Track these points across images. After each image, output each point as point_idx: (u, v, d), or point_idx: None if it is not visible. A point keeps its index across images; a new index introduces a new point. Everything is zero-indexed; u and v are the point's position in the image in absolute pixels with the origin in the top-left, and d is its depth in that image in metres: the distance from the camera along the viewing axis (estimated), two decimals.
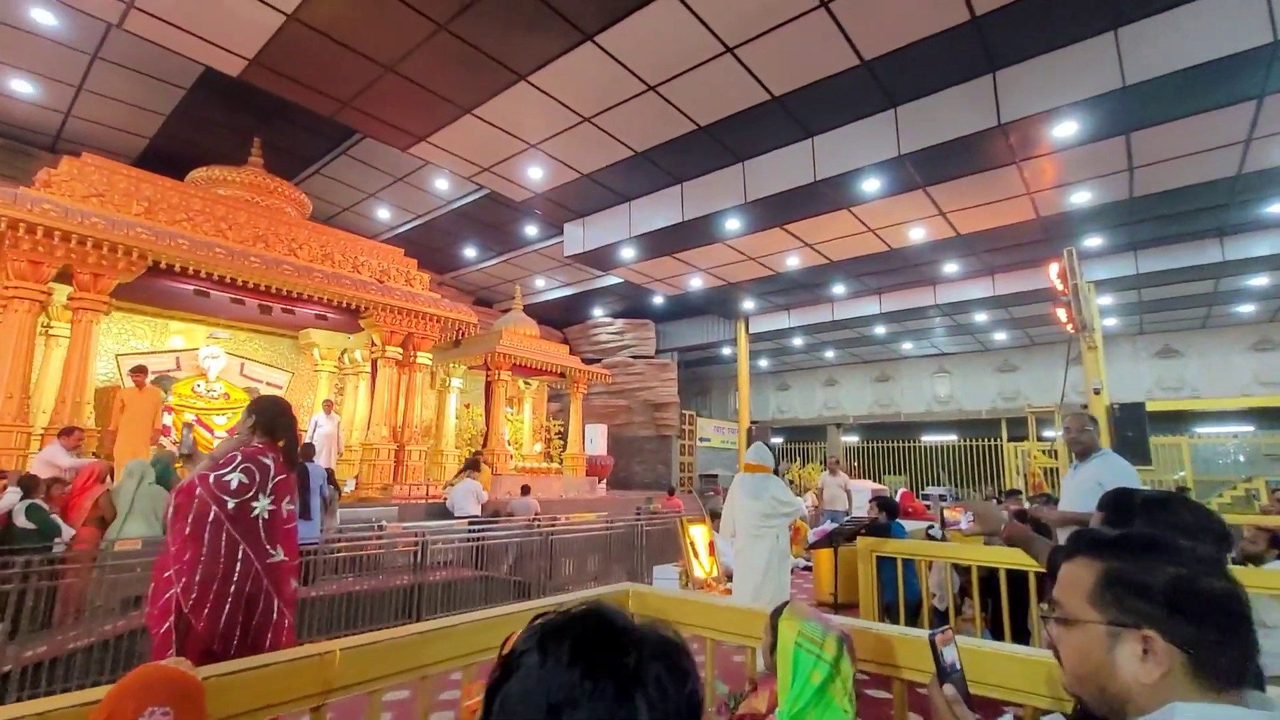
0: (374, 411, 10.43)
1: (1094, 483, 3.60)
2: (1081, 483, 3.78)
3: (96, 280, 7.59)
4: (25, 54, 8.39)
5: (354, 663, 1.60)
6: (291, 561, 2.83)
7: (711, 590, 5.69)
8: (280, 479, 2.84)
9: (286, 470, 2.89)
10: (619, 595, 2.43)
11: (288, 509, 2.84)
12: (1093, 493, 3.68)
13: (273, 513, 2.76)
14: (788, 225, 10.91)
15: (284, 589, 2.74)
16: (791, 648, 1.67)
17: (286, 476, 2.88)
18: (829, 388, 23.88)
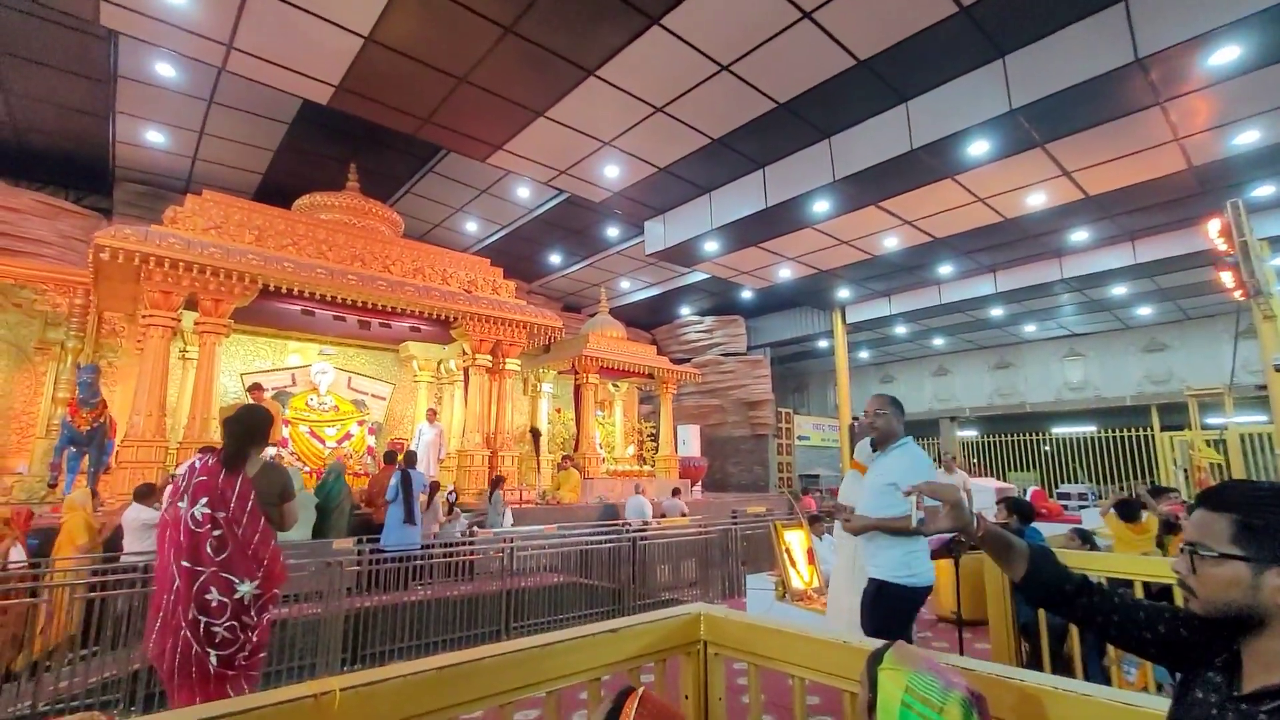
0: (467, 418, 10.68)
1: (887, 482, 2.97)
2: (874, 481, 3.10)
3: (217, 305, 8.24)
4: (155, 106, 9.30)
5: (359, 705, 1.36)
6: (200, 568, 2.57)
7: (811, 603, 5.19)
8: (200, 480, 2.67)
9: (208, 472, 2.69)
10: (689, 621, 2.09)
11: (201, 512, 2.61)
12: (886, 494, 2.83)
13: (193, 518, 2.60)
14: (883, 202, 10.06)
15: (198, 598, 2.54)
16: (897, 710, 1.25)
17: (207, 479, 2.67)
18: (940, 378, 22.11)
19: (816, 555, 5.87)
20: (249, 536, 2.66)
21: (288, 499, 2.91)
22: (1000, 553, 1.50)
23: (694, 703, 2.03)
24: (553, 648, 1.72)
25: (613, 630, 1.87)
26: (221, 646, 2.55)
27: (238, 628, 2.59)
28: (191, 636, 2.52)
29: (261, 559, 2.68)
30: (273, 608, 2.78)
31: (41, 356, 9.68)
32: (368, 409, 11.13)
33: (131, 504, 5.85)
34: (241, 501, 2.67)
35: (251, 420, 2.94)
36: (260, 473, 2.83)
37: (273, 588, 2.74)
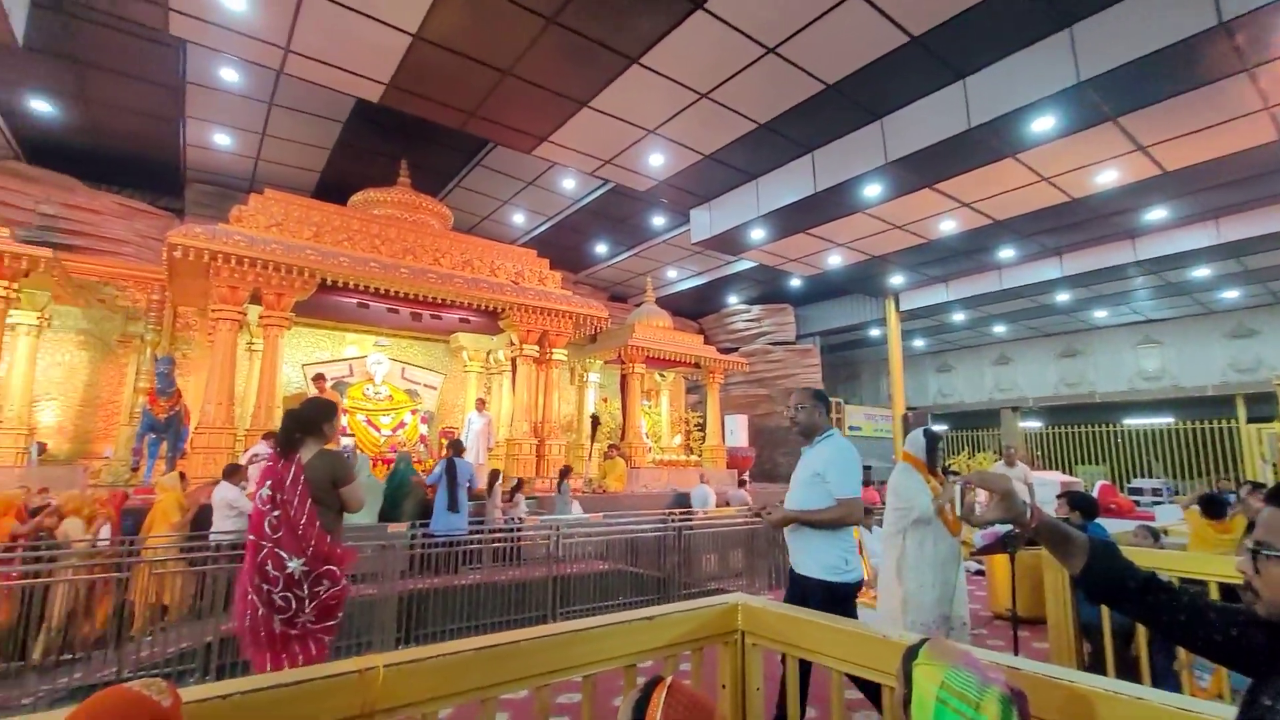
0: (515, 408, 10.88)
1: (812, 473, 2.94)
2: (801, 474, 3.04)
3: (280, 299, 8.63)
4: (221, 110, 9.78)
5: (401, 681, 1.41)
6: (263, 543, 2.88)
7: (861, 597, 5.07)
8: (266, 465, 3.09)
9: (276, 459, 3.03)
10: (727, 611, 2.07)
11: (265, 494, 2.92)
12: (813, 484, 2.82)
13: (261, 498, 2.94)
14: (939, 185, 9.66)
15: (260, 568, 2.85)
16: (932, 706, 1.21)
17: (271, 464, 3.02)
18: (1001, 367, 21.19)
19: (865, 548, 5.73)
20: (297, 518, 2.84)
21: (341, 484, 3.00)
22: (1057, 545, 1.41)
23: (731, 692, 2.02)
24: (589, 633, 1.73)
25: (649, 618, 1.88)
26: (280, 612, 2.82)
27: (290, 598, 2.81)
28: (257, 601, 2.82)
29: (309, 539, 2.84)
30: (327, 583, 2.90)
31: (123, 349, 10.38)
32: (420, 398, 11.48)
33: (220, 482, 6.23)
34: (293, 485, 2.86)
35: (302, 411, 3.11)
36: (313, 459, 2.97)
37: (321, 566, 2.87)
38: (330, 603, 2.91)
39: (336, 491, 3.00)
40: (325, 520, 2.93)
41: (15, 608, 4.55)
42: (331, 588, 2.90)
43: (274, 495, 2.87)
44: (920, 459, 3.69)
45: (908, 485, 3.63)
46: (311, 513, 2.87)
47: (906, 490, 3.63)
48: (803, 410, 3.05)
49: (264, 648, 2.84)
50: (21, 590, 4.54)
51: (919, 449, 3.71)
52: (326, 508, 2.96)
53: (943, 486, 3.65)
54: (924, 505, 3.54)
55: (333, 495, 2.98)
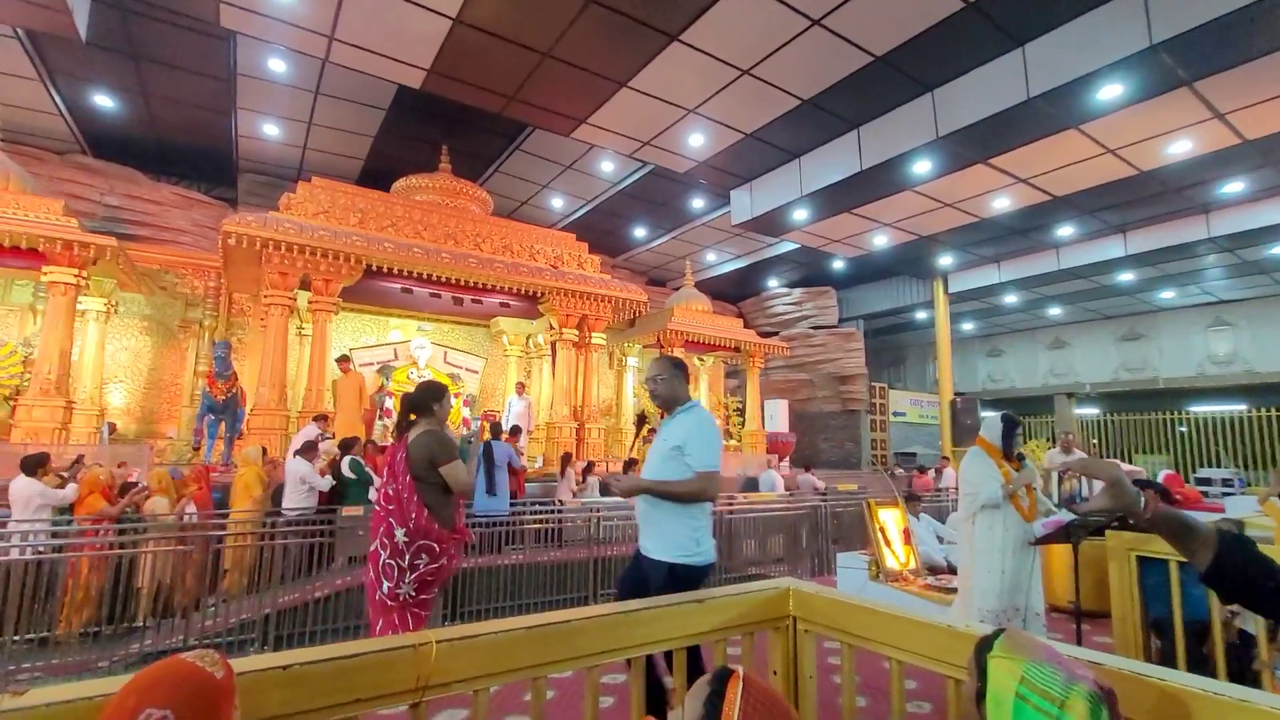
0: (555, 392, 10.96)
1: (670, 446, 2.69)
2: (660, 446, 2.77)
3: (328, 285, 8.85)
4: (270, 100, 10.02)
5: (454, 657, 1.41)
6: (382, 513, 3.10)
7: (907, 584, 4.94)
8: (393, 444, 3.31)
9: (395, 439, 3.32)
10: (778, 596, 2.01)
11: (386, 470, 3.18)
12: (671, 458, 2.60)
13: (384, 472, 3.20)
14: (994, 159, 9.23)
15: (380, 537, 3.05)
16: (1011, 702, 1.12)
17: (392, 444, 3.34)
18: (1056, 350, 20.31)
19: (913, 535, 5.58)
20: (400, 492, 3.04)
21: (439, 464, 3.08)
22: (1178, 538, 1.26)
23: (783, 679, 1.96)
24: (638, 614, 1.70)
25: (698, 600, 1.83)
26: (387, 578, 3.00)
27: (394, 567, 3.00)
28: (373, 568, 3.07)
29: (409, 513, 3.01)
30: (426, 557, 3.03)
31: (184, 334, 10.84)
32: (462, 382, 11.67)
33: (295, 457, 6.51)
34: (399, 464, 3.08)
35: (415, 393, 3.33)
36: (417, 438, 3.11)
37: (419, 539, 3.02)
38: (428, 577, 3.03)
39: (437, 470, 3.10)
40: (428, 497, 3.05)
41: (106, 578, 4.89)
42: (430, 563, 3.01)
43: (390, 469, 3.13)
44: (995, 445, 3.55)
45: (977, 470, 3.50)
46: (411, 488, 3.01)
47: (975, 475, 3.49)
48: (663, 382, 2.78)
49: (378, 612, 3.05)
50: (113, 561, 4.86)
51: (995, 434, 3.57)
52: (429, 485, 3.07)
53: (1017, 472, 3.50)
54: (992, 491, 3.40)
55: (434, 473, 3.09)
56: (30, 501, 5.38)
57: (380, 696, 1.32)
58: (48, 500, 5.48)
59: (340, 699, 1.27)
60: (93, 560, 5.09)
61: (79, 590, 5.05)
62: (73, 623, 5.00)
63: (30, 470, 5.50)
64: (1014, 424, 3.56)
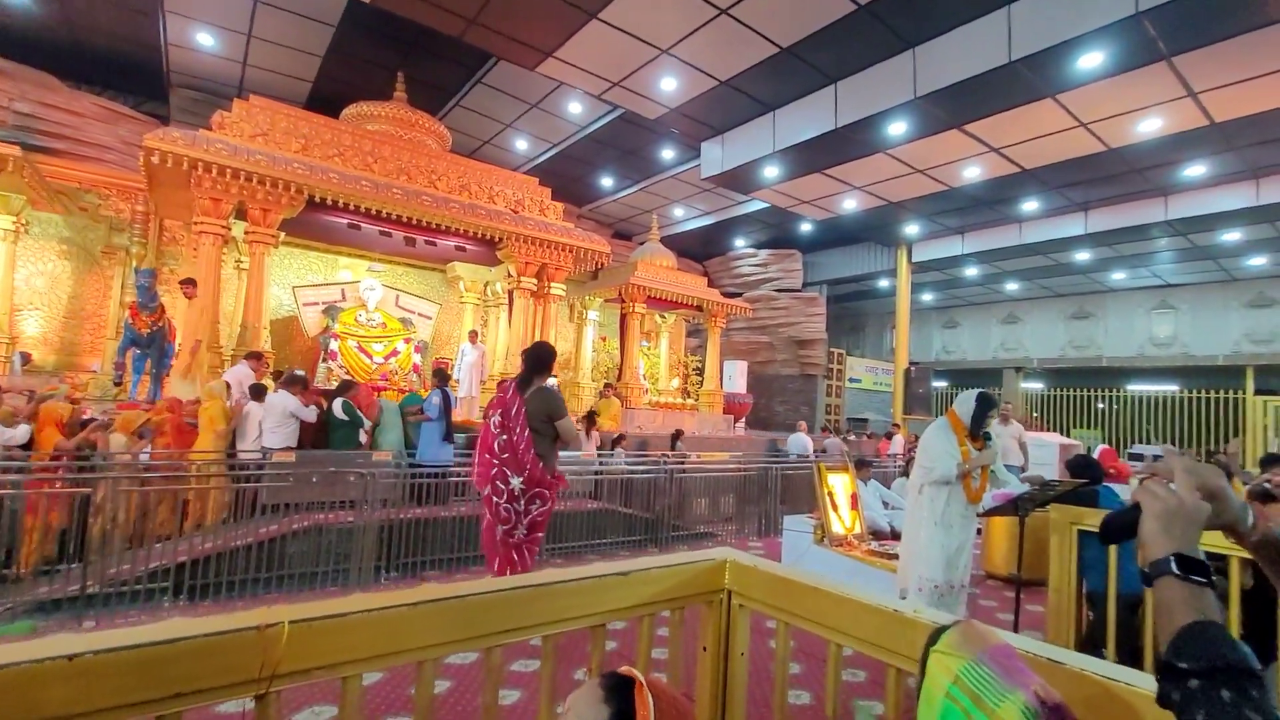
0: (511, 341, 10.61)
1: None
2: None
3: (265, 215, 8.19)
4: (200, 3, 9.04)
5: (313, 640, 1.17)
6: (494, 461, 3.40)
7: (851, 549, 4.93)
8: (498, 396, 3.58)
9: (506, 391, 3.53)
10: (713, 567, 1.83)
11: (496, 421, 3.46)
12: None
13: (493, 423, 3.46)
14: (968, 125, 9.07)
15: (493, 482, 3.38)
16: (940, 702, 0.96)
17: (502, 395, 3.54)
18: (1009, 325, 20.82)
19: (861, 500, 5.58)
20: (518, 443, 3.34)
21: (555, 418, 3.47)
22: None
23: (712, 656, 1.81)
24: (551, 588, 1.49)
25: (623, 573, 1.63)
26: (504, 522, 3.36)
27: (511, 511, 3.36)
28: (489, 510, 3.41)
29: (525, 463, 3.34)
30: (539, 503, 3.42)
31: (108, 260, 10.02)
32: (414, 327, 11.19)
33: (279, 390, 6.54)
34: (516, 416, 3.37)
35: (539, 354, 3.61)
36: (532, 396, 3.44)
37: (534, 486, 3.38)
38: (538, 519, 3.43)
39: (552, 424, 3.46)
40: (540, 448, 3.39)
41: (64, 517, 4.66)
42: (541, 507, 3.41)
43: (502, 422, 3.38)
44: (963, 421, 3.45)
45: (937, 445, 3.41)
46: (529, 440, 3.33)
47: (935, 449, 3.41)
48: None
49: (494, 551, 3.40)
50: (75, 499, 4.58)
51: (966, 411, 3.47)
52: (542, 437, 3.41)
53: (979, 451, 3.42)
54: (946, 468, 3.33)
55: (549, 426, 3.44)
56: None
57: (209, 690, 1.08)
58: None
59: (150, 694, 1.02)
60: (50, 498, 4.72)
61: (36, 529, 4.72)
62: None
63: None
64: (988, 405, 3.46)
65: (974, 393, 3.49)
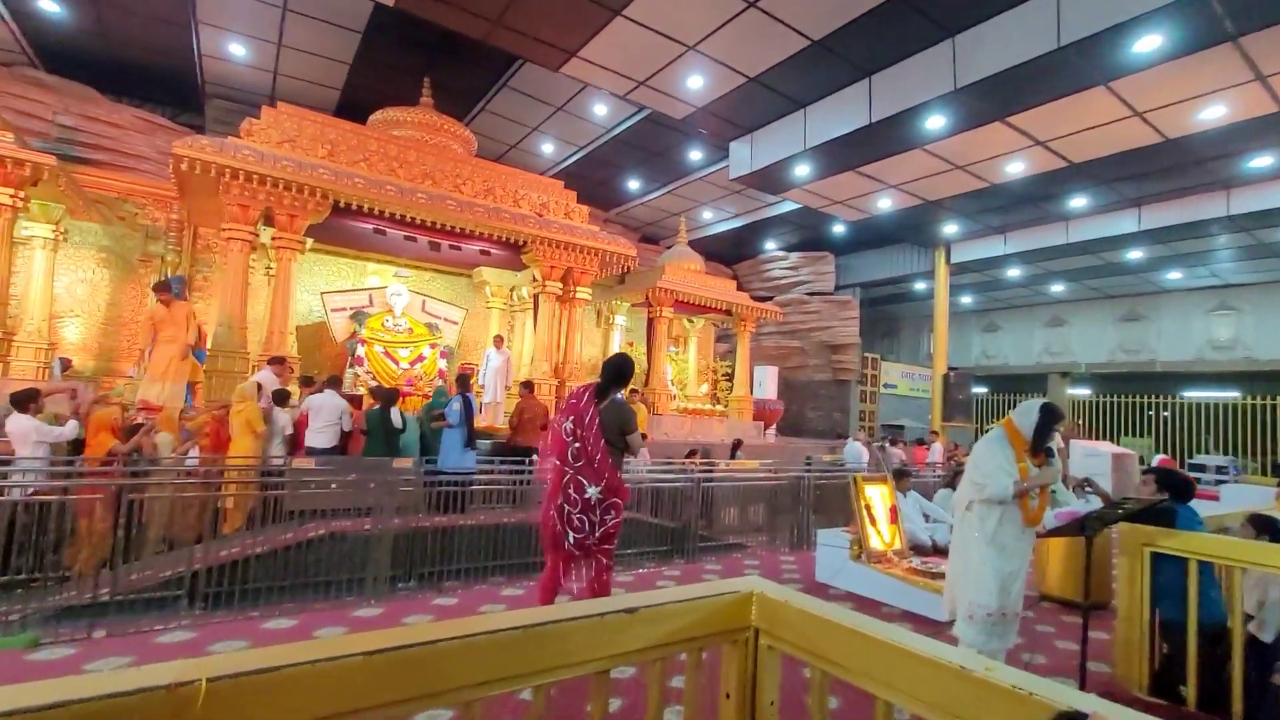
0: (536, 347, 10.48)
1: None
2: None
3: (292, 220, 8.22)
4: (233, 15, 9.20)
5: (233, 702, 0.95)
6: (566, 468, 3.32)
7: (890, 566, 4.60)
8: (571, 403, 3.43)
9: (580, 398, 3.40)
10: (738, 601, 1.58)
11: (568, 427, 3.35)
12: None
13: (565, 429, 3.36)
14: (1012, 117, 8.62)
15: (564, 491, 3.31)
16: None
17: (576, 403, 3.40)
18: (1054, 328, 19.95)
19: (900, 513, 5.23)
20: (594, 453, 3.30)
21: (628, 432, 3.44)
22: None
23: (736, 705, 1.55)
24: (543, 630, 1.26)
25: (629, 610, 1.39)
26: (576, 530, 3.31)
27: (585, 521, 3.31)
28: (558, 517, 3.34)
29: (602, 473, 3.30)
30: (613, 513, 3.36)
31: (145, 268, 10.21)
32: (440, 333, 11.15)
33: (326, 390, 6.85)
34: (591, 425, 3.30)
35: (620, 366, 3.54)
36: (608, 407, 3.39)
37: (612, 496, 3.34)
38: (612, 530, 3.39)
39: (624, 437, 3.44)
40: (614, 458, 3.36)
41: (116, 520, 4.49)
42: (614, 517, 3.37)
43: (575, 430, 3.33)
44: (1024, 435, 3.05)
45: (992, 459, 3.03)
46: (605, 450, 3.31)
47: (989, 464, 3.03)
48: None
49: (559, 555, 3.38)
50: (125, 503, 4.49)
51: (1028, 424, 3.05)
52: (614, 448, 3.39)
53: (1038, 468, 3.05)
54: (1001, 487, 2.96)
55: (620, 439, 3.42)
56: (27, 437, 5.23)
57: None
58: (44, 437, 5.32)
59: None
60: (103, 502, 4.73)
61: (89, 532, 4.74)
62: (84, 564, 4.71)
63: (21, 406, 5.29)
64: (1053, 418, 3.05)
65: (1038, 403, 3.11)
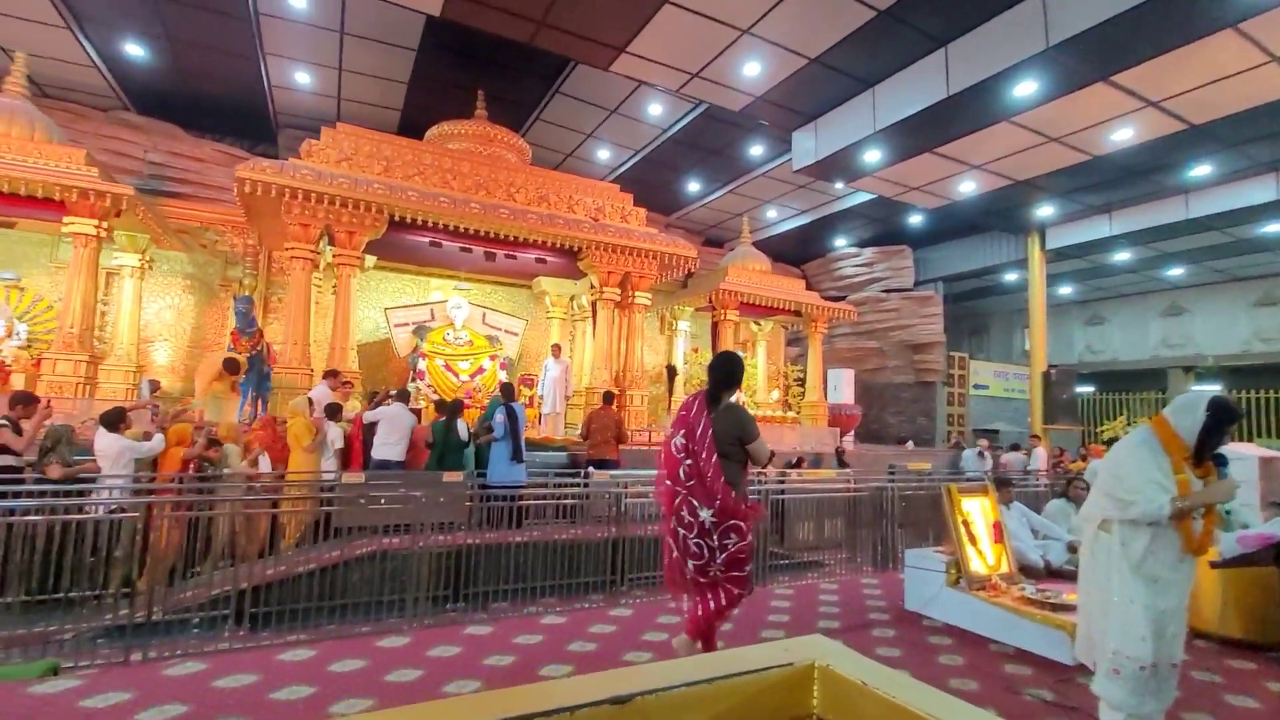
0: (595, 355, 10.19)
1: None
2: None
3: (351, 237, 8.31)
4: (296, 43, 9.50)
5: None
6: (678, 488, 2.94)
7: (999, 595, 3.87)
8: (680, 414, 3.06)
9: (690, 408, 3.01)
10: (793, 677, 1.10)
11: (679, 442, 2.96)
12: None
13: (675, 445, 2.98)
14: (1117, 75, 7.58)
15: (677, 513, 2.93)
16: None
17: (685, 414, 3.02)
18: (1172, 318, 17.84)
19: (1006, 531, 4.47)
20: (705, 469, 2.88)
21: (747, 440, 2.99)
22: None
23: None
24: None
25: (617, 700, 0.94)
26: (694, 558, 2.92)
27: (703, 546, 2.90)
28: (674, 543, 2.99)
29: (715, 492, 2.86)
30: (734, 536, 2.91)
31: (225, 292, 10.69)
32: (501, 344, 11.07)
33: (393, 404, 6.89)
34: (702, 437, 2.90)
35: (728, 366, 3.13)
36: (721, 414, 2.97)
37: (728, 518, 2.88)
38: (738, 556, 2.94)
39: (743, 447, 3.01)
40: (729, 473, 2.92)
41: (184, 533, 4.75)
42: (739, 541, 2.93)
43: (686, 444, 2.94)
44: (1182, 437, 2.33)
45: (1140, 469, 2.31)
46: (717, 466, 2.88)
47: (1135, 476, 2.32)
48: None
49: (681, 587, 3.04)
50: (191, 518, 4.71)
51: (1190, 423, 2.31)
52: (731, 460, 2.97)
53: (1203, 482, 2.33)
54: (1155, 507, 2.24)
55: (739, 450, 3.00)
56: (120, 456, 5.42)
57: None
58: (134, 453, 5.51)
59: None
60: (174, 516, 4.83)
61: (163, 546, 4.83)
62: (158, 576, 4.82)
63: (111, 426, 5.48)
64: (1227, 416, 2.32)
65: (1202, 397, 2.37)
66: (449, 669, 3.12)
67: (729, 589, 2.97)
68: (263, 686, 2.80)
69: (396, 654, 3.33)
